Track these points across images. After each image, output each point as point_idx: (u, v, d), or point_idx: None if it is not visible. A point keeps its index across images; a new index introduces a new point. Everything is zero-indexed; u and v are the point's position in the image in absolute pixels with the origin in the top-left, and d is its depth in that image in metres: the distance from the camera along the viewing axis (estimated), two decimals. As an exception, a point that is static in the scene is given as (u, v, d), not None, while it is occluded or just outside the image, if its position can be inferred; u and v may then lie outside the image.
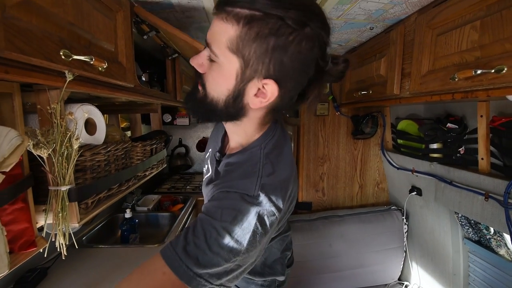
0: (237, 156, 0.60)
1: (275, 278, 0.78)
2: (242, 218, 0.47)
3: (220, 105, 0.52)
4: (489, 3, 0.68)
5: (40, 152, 0.54)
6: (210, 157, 0.72)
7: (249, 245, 0.47)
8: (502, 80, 0.65)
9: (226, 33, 0.46)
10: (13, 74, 0.44)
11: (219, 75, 0.50)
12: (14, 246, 0.52)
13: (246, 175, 0.53)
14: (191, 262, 0.44)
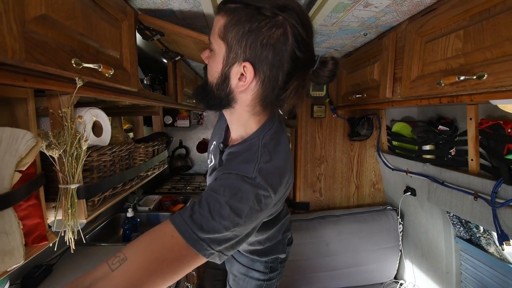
0: (238, 146, 0.67)
1: (278, 256, 0.90)
2: (241, 195, 0.54)
3: (213, 88, 0.62)
4: (471, 13, 0.73)
5: (52, 153, 0.58)
6: (214, 149, 0.80)
7: (246, 218, 0.53)
8: (483, 86, 0.70)
9: (218, 23, 0.57)
10: (31, 82, 0.48)
11: (213, 60, 0.61)
12: (27, 240, 0.56)
13: (246, 161, 0.60)
14: (196, 227, 0.50)
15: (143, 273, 0.47)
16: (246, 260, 0.92)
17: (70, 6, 0.54)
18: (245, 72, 0.57)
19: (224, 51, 0.58)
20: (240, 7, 0.55)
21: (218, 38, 0.58)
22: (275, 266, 0.92)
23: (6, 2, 0.39)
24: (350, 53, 1.50)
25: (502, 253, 1.19)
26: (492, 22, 0.67)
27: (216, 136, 0.83)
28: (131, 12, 0.84)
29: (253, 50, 0.55)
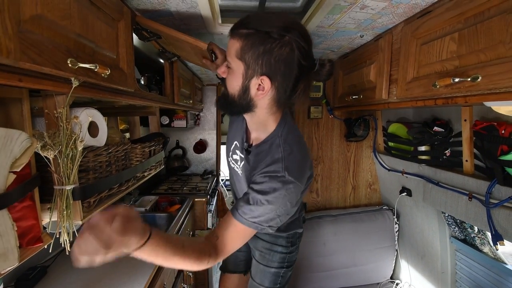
0: (263, 145, 0.82)
1: (296, 231, 1.13)
2: (276, 191, 0.72)
3: (235, 98, 0.75)
4: (466, 16, 0.74)
5: (47, 154, 0.57)
6: (236, 147, 0.96)
7: (281, 206, 0.74)
8: (477, 88, 0.71)
9: (234, 46, 0.70)
10: (25, 82, 0.47)
11: (232, 77, 0.74)
12: (22, 242, 0.55)
13: (273, 161, 0.76)
14: (249, 216, 0.73)
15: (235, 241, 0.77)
16: (269, 237, 1.12)
17: (66, 5, 0.54)
18: (262, 83, 0.70)
19: (243, 69, 0.71)
20: (252, 33, 0.67)
21: (236, 58, 0.70)
22: (294, 240, 1.14)
23: (1, 1, 0.39)
24: (347, 54, 1.51)
25: (496, 252, 1.21)
26: (486, 25, 0.68)
27: (237, 136, 0.96)
28: (128, 12, 0.84)
29: (268, 66, 0.68)
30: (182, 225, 1.52)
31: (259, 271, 1.16)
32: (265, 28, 0.66)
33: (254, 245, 1.18)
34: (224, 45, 1.33)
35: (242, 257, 1.35)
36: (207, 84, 2.54)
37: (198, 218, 1.91)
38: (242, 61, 0.70)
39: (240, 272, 1.35)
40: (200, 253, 0.71)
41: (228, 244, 0.76)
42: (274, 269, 1.13)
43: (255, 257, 1.18)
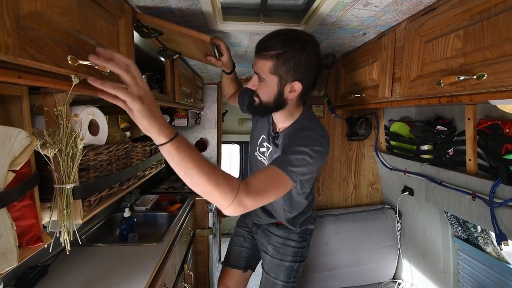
0: (292, 126, 1.00)
1: (307, 227, 1.24)
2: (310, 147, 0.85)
3: (271, 103, 0.93)
4: (471, 13, 0.73)
5: (46, 152, 0.57)
6: (265, 140, 1.10)
7: (314, 161, 0.85)
8: (483, 86, 0.69)
9: (267, 65, 0.87)
10: (25, 79, 0.47)
11: (267, 88, 0.91)
12: (21, 241, 0.54)
13: (306, 130, 0.94)
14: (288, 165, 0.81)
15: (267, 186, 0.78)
16: (282, 232, 1.23)
17: (65, 1, 0.53)
18: (294, 86, 0.89)
19: (277, 80, 0.88)
20: (281, 53, 0.84)
21: (270, 74, 0.88)
22: (306, 236, 1.24)
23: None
24: (349, 52, 1.50)
25: (499, 252, 1.20)
26: (492, 22, 0.67)
27: (263, 131, 1.12)
28: (129, 9, 0.83)
29: (298, 74, 0.87)
30: (183, 224, 1.51)
31: (274, 266, 1.23)
32: (290, 47, 0.84)
33: (268, 240, 1.27)
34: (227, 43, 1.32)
35: (244, 253, 1.39)
36: (208, 82, 2.53)
37: (199, 217, 1.91)
38: (275, 75, 0.87)
39: (240, 268, 1.37)
40: (229, 180, 0.69)
41: (260, 184, 0.76)
42: (289, 262, 1.21)
43: (269, 252, 1.25)
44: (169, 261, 1.20)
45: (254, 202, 0.73)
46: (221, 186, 0.67)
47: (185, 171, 0.64)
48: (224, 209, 0.71)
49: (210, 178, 0.66)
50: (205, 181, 0.66)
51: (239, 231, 1.43)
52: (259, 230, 1.32)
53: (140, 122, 0.59)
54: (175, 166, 0.65)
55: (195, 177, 0.65)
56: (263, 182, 0.77)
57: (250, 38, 1.27)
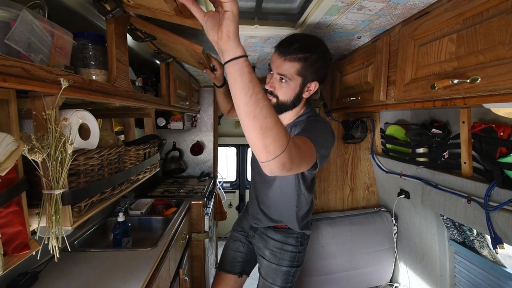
0: (297, 119, 1.07)
1: (304, 232, 1.24)
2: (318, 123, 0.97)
3: (289, 102, 1.00)
4: (464, 17, 0.73)
5: (34, 157, 0.55)
6: None
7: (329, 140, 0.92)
8: (476, 90, 0.69)
9: (295, 67, 0.93)
10: (10, 82, 0.45)
11: (289, 88, 0.97)
12: (7, 249, 0.53)
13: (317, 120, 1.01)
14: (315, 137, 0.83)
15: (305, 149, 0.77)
16: (280, 236, 1.23)
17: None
18: (312, 86, 0.99)
19: (301, 81, 0.96)
20: (308, 55, 0.92)
21: (296, 75, 0.95)
22: (303, 241, 1.25)
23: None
24: (344, 55, 1.50)
25: (495, 256, 1.20)
26: (485, 26, 0.67)
27: None
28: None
29: (318, 74, 0.97)
30: (179, 229, 1.49)
31: (271, 271, 1.22)
32: (316, 50, 0.93)
33: (265, 244, 1.26)
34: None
35: (240, 258, 1.37)
36: (204, 85, 2.53)
37: (195, 221, 1.89)
38: (301, 76, 0.95)
39: (235, 274, 1.35)
40: (284, 128, 0.62)
41: (300, 144, 0.74)
42: (286, 267, 1.21)
43: (266, 257, 1.25)
44: (163, 266, 1.18)
45: (298, 159, 0.68)
46: (279, 125, 0.60)
47: (251, 95, 0.56)
48: (272, 159, 0.61)
49: (272, 111, 0.59)
50: (268, 113, 0.58)
51: (236, 236, 1.41)
52: (256, 234, 1.31)
53: (230, 25, 0.54)
54: (242, 88, 0.56)
55: (260, 104, 0.57)
56: (302, 143, 0.76)
57: (245, 42, 1.27)
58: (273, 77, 0.97)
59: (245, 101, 0.57)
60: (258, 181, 1.25)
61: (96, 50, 0.79)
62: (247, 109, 0.57)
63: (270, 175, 0.66)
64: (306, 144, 0.78)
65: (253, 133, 0.59)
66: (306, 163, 0.75)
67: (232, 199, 3.72)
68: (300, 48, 0.91)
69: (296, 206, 1.17)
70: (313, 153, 0.79)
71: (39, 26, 0.56)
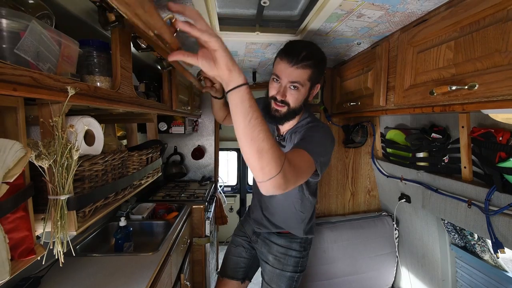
0: (297, 125, 1.09)
1: (307, 237, 1.24)
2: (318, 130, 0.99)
3: (298, 107, 1.03)
4: (462, 25, 0.74)
5: (41, 163, 0.57)
6: None
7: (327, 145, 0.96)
8: (474, 96, 0.71)
9: (307, 73, 0.96)
10: (20, 91, 0.47)
11: (299, 94, 0.99)
12: (14, 254, 0.54)
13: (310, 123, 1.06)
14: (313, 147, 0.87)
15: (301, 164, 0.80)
16: (284, 241, 1.23)
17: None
18: (316, 89, 1.04)
19: (309, 86, 1.00)
20: (316, 62, 0.96)
21: (307, 81, 0.98)
22: (306, 246, 1.26)
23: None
24: (345, 61, 1.52)
25: (496, 260, 1.19)
26: (481, 34, 0.69)
27: None
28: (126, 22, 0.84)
29: (321, 78, 1.04)
30: (180, 233, 1.50)
31: (275, 276, 1.23)
32: (319, 56, 0.99)
33: (268, 249, 1.26)
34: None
35: (242, 264, 1.37)
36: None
37: (196, 225, 1.89)
38: (310, 81, 0.99)
39: (238, 280, 1.35)
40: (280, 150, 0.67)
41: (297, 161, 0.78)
42: (290, 273, 1.21)
43: (269, 262, 1.25)
44: (165, 271, 1.18)
45: (294, 177, 0.72)
46: (275, 148, 0.64)
47: (250, 120, 0.61)
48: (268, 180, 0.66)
49: (269, 135, 0.63)
50: (265, 137, 0.62)
51: (238, 241, 1.41)
52: (259, 239, 1.31)
53: (223, 61, 0.57)
54: (242, 114, 0.61)
55: (257, 129, 0.61)
56: (297, 159, 0.79)
57: (246, 48, 1.29)
58: (283, 85, 0.98)
59: (244, 125, 0.61)
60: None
61: (101, 57, 0.80)
62: (246, 131, 0.62)
63: (266, 194, 0.70)
64: (303, 157, 0.82)
65: (251, 155, 0.63)
66: (303, 178, 0.80)
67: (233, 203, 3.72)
68: (309, 55, 0.94)
69: (301, 211, 1.18)
70: (311, 164, 0.84)
71: (47, 36, 0.57)
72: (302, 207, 1.17)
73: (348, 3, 0.84)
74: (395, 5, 0.85)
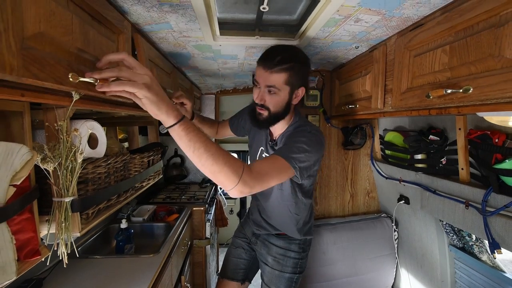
0: (288, 129, 1.10)
1: (306, 238, 1.26)
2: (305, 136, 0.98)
3: (280, 112, 1.03)
4: (456, 30, 0.76)
5: (46, 166, 0.58)
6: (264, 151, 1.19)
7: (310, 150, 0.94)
8: (469, 99, 0.72)
9: (282, 77, 0.97)
10: (27, 97, 0.48)
11: (278, 98, 1.00)
12: (20, 255, 0.55)
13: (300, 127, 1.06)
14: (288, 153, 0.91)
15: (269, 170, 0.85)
16: (283, 243, 1.24)
17: (68, 22, 0.55)
18: (299, 92, 1.04)
19: (289, 90, 1.00)
20: (293, 65, 0.96)
21: (284, 84, 0.98)
22: (305, 247, 1.27)
23: (5, 20, 0.40)
24: (343, 64, 1.54)
25: (494, 261, 1.21)
26: (475, 39, 0.70)
27: (261, 143, 1.21)
28: (128, 26, 0.86)
29: (303, 80, 1.03)
30: (180, 235, 1.51)
31: (274, 277, 1.24)
32: (297, 59, 0.99)
33: (268, 251, 1.28)
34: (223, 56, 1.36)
35: (242, 265, 1.38)
36: (205, 93, 2.57)
37: (196, 227, 1.90)
38: (289, 85, 0.99)
39: (238, 281, 1.36)
40: (235, 161, 0.74)
41: (263, 167, 0.84)
42: (289, 274, 1.23)
43: (269, 264, 1.27)
44: (166, 273, 1.19)
45: (258, 183, 0.79)
46: (227, 166, 0.71)
47: (193, 151, 0.68)
48: (229, 190, 0.75)
49: (217, 158, 0.70)
50: (213, 161, 0.70)
51: (238, 242, 1.42)
52: (258, 241, 1.32)
53: (149, 108, 0.63)
54: (184, 147, 0.69)
55: (203, 156, 0.69)
56: (265, 166, 0.85)
57: (246, 51, 1.31)
58: (262, 90, 1.00)
59: (190, 155, 0.70)
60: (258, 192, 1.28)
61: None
62: (194, 160, 0.70)
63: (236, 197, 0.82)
64: (274, 164, 0.88)
65: (208, 175, 0.73)
66: (271, 182, 0.85)
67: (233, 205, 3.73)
68: (285, 59, 0.96)
69: (296, 214, 1.19)
70: (286, 169, 0.89)
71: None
72: (296, 210, 1.18)
73: (345, 9, 0.86)
74: (392, 10, 0.86)
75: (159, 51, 1.22)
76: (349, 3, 0.82)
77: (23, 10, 0.44)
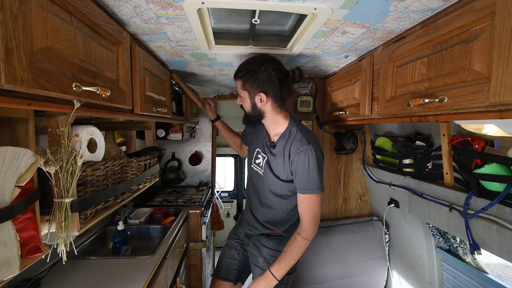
0: (282, 136, 1.19)
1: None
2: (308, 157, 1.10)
3: (252, 113, 1.19)
4: (433, 43, 0.82)
5: (49, 169, 0.62)
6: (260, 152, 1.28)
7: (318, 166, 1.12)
8: (445, 108, 0.78)
9: (239, 84, 1.16)
10: (33, 106, 0.53)
11: (245, 101, 1.19)
12: (22, 251, 0.59)
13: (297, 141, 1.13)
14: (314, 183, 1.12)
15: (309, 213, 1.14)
16: (273, 244, 1.29)
17: (71, 36, 0.60)
18: (261, 97, 1.13)
19: (248, 95, 1.15)
20: (244, 73, 1.13)
21: (242, 90, 1.16)
22: None
23: (17, 38, 0.45)
24: (335, 72, 1.60)
25: (477, 262, 1.25)
26: (449, 52, 0.76)
27: (258, 144, 1.31)
28: (127, 36, 0.91)
29: (260, 86, 1.12)
30: (176, 238, 1.54)
31: None
32: (250, 67, 1.12)
33: (259, 252, 1.32)
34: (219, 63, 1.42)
35: (235, 265, 1.42)
36: (203, 97, 2.62)
37: (192, 230, 1.93)
38: (245, 91, 1.15)
39: (231, 281, 1.39)
40: (295, 243, 1.13)
41: (307, 216, 1.13)
42: None
43: (259, 265, 1.30)
44: (161, 273, 1.22)
45: (314, 227, 1.15)
46: (294, 257, 1.16)
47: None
48: (305, 247, 1.15)
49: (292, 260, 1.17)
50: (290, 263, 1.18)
51: (232, 243, 1.46)
52: (250, 242, 1.36)
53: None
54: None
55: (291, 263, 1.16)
56: (307, 214, 1.13)
57: (240, 60, 1.36)
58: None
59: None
60: (252, 192, 1.33)
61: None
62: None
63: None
64: (310, 201, 1.13)
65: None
66: (319, 212, 1.16)
67: (230, 208, 3.75)
68: (240, 69, 1.15)
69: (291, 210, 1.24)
70: (318, 198, 1.13)
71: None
72: (289, 205, 1.23)
73: (332, 22, 0.92)
74: (375, 24, 0.92)
75: (157, 59, 1.27)
76: (335, 17, 0.88)
77: (33, 27, 0.49)
